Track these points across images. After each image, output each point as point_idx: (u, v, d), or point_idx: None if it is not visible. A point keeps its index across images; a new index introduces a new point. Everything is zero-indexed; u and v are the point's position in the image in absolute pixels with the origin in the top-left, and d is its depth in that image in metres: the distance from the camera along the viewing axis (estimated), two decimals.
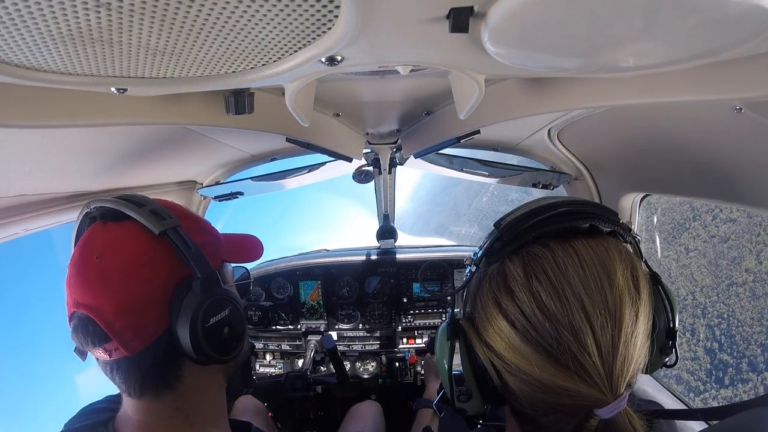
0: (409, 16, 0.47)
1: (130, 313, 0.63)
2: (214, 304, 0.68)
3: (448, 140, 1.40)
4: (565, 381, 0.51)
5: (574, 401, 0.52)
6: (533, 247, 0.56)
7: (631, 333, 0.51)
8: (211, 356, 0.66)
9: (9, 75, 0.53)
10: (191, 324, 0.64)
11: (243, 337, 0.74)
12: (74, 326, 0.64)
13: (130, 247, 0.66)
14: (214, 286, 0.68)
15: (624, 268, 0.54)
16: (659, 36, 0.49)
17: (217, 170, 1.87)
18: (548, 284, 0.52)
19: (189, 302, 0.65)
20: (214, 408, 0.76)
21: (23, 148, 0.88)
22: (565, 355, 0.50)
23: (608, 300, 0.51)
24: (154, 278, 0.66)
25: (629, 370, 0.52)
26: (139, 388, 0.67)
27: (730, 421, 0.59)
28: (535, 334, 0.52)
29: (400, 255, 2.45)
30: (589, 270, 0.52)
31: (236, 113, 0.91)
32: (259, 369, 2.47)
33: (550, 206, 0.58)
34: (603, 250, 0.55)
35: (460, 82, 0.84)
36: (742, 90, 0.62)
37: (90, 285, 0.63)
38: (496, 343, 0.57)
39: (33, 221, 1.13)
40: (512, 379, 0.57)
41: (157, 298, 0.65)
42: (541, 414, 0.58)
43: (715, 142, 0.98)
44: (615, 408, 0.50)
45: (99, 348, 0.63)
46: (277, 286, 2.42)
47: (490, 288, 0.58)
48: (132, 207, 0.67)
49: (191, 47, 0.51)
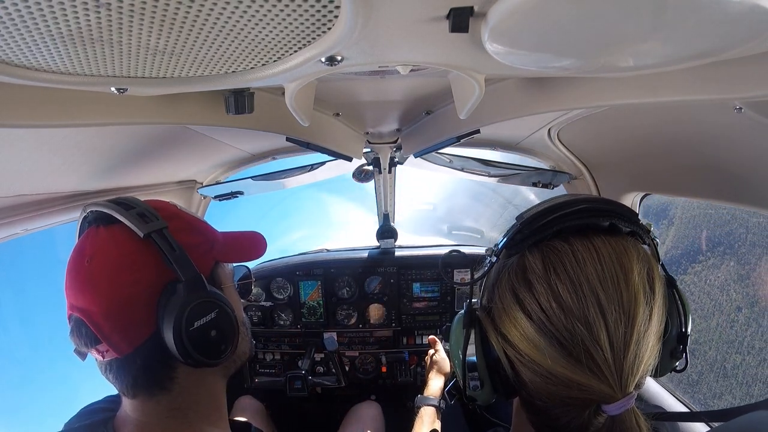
0: (409, 16, 0.47)
1: (116, 315, 0.63)
2: (199, 307, 0.66)
3: (448, 139, 1.40)
4: (576, 374, 0.52)
5: (584, 395, 0.52)
6: (553, 241, 0.57)
7: (643, 332, 0.52)
8: (199, 360, 0.65)
9: (9, 75, 0.53)
10: (175, 327, 0.63)
11: (233, 339, 0.72)
12: (71, 328, 0.66)
13: (116, 250, 0.66)
14: (198, 289, 0.67)
15: (641, 268, 0.54)
16: (659, 36, 0.49)
17: (217, 170, 1.87)
18: (566, 278, 0.53)
19: (173, 305, 0.64)
20: (214, 408, 0.76)
21: (23, 148, 0.88)
22: (578, 348, 0.51)
23: (623, 297, 0.52)
24: (139, 281, 0.65)
25: (639, 369, 0.52)
26: (132, 389, 0.67)
27: (734, 424, 0.59)
28: (550, 326, 0.53)
29: (400, 255, 2.44)
30: (607, 267, 0.53)
31: (236, 113, 0.91)
32: (259, 369, 2.47)
33: (572, 202, 0.59)
34: (621, 249, 0.55)
35: (460, 81, 0.84)
36: (742, 90, 0.63)
37: (81, 288, 0.64)
38: (512, 334, 0.58)
39: (33, 221, 1.13)
40: (525, 370, 0.58)
41: (143, 301, 0.65)
42: (551, 406, 0.58)
43: (715, 141, 0.98)
44: (623, 405, 0.51)
45: (92, 349, 0.65)
46: (277, 286, 2.41)
47: (509, 279, 0.59)
48: (120, 210, 0.67)
49: (191, 47, 0.51)
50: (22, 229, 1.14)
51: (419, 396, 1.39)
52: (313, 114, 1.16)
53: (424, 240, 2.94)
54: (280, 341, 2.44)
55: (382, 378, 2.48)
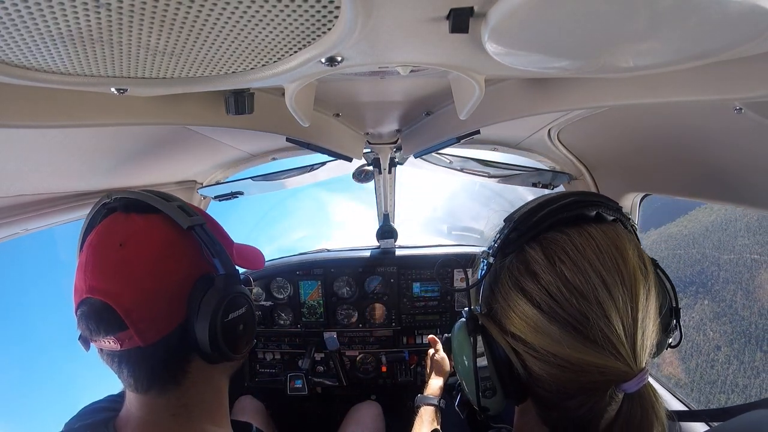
0: (409, 16, 0.47)
1: (149, 302, 0.64)
2: (234, 300, 0.70)
3: (448, 140, 1.40)
4: (594, 357, 0.52)
5: (603, 377, 0.53)
6: (550, 233, 0.59)
7: (645, 307, 0.54)
8: (224, 352, 0.68)
9: (9, 75, 0.53)
10: (212, 318, 0.65)
11: (253, 337, 0.76)
12: (85, 313, 0.64)
13: (157, 237, 0.67)
14: (235, 282, 0.71)
15: (633, 249, 0.57)
16: (659, 36, 0.49)
17: (217, 170, 1.87)
18: (571, 264, 0.55)
19: (211, 297, 0.67)
20: (217, 406, 0.76)
21: (23, 148, 0.88)
22: (594, 330, 0.52)
23: (624, 277, 0.54)
24: (177, 270, 0.67)
25: (647, 344, 0.54)
26: (147, 382, 0.67)
27: (733, 423, 0.59)
28: (562, 312, 0.54)
29: (400, 255, 2.45)
30: (605, 250, 0.56)
31: (236, 113, 0.91)
32: (259, 369, 2.47)
33: (560, 197, 0.61)
34: (613, 234, 0.58)
35: (460, 82, 0.84)
36: (742, 90, 0.63)
37: (110, 272, 0.64)
38: (521, 329, 0.58)
39: (33, 221, 1.13)
40: (538, 363, 0.58)
41: (176, 292, 0.67)
42: (565, 397, 0.58)
43: (715, 142, 0.98)
44: (640, 381, 0.52)
45: (111, 336, 0.63)
46: (277, 286, 2.42)
47: (511, 276, 0.60)
48: (160, 201, 0.69)
49: (191, 47, 0.51)
50: (22, 229, 1.14)
51: (419, 395, 1.39)
52: (313, 114, 1.16)
53: (424, 240, 2.94)
54: (280, 341, 2.44)
55: (383, 377, 2.48)
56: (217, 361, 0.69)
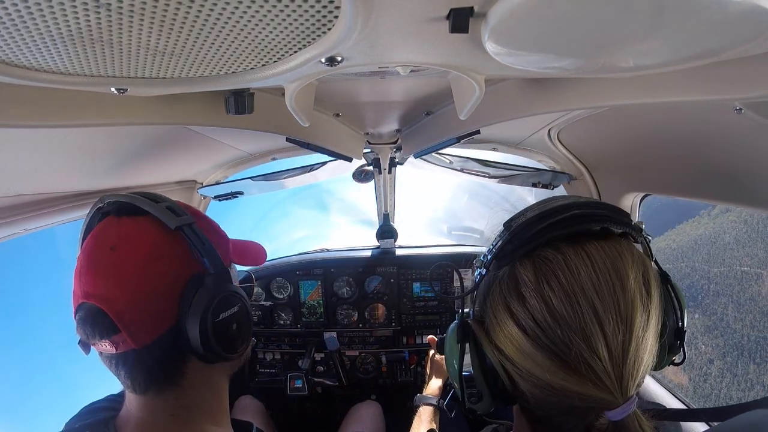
0: (409, 16, 0.47)
1: (140, 305, 0.63)
2: (225, 299, 0.69)
3: (448, 140, 1.40)
4: (576, 385, 0.51)
5: (585, 404, 0.52)
6: (545, 250, 0.55)
7: (642, 337, 0.51)
8: (218, 352, 0.67)
9: (9, 75, 0.53)
10: (201, 318, 0.65)
11: (249, 336, 0.75)
12: (81, 317, 0.64)
13: (146, 240, 0.67)
14: (226, 281, 0.70)
15: (636, 272, 0.53)
16: (659, 36, 0.49)
17: (217, 170, 1.87)
18: (560, 289, 0.52)
19: (201, 297, 0.66)
20: (217, 406, 0.76)
21: (23, 148, 0.88)
22: (576, 360, 0.50)
23: (620, 305, 0.51)
24: (167, 272, 0.67)
25: (639, 372, 0.52)
26: (144, 383, 0.67)
27: (733, 422, 0.59)
28: (546, 340, 0.52)
29: (400, 255, 2.45)
30: (602, 274, 0.52)
31: (236, 113, 0.91)
32: (259, 369, 2.47)
33: (563, 208, 0.57)
34: (616, 254, 0.54)
35: (460, 82, 0.84)
36: (742, 90, 0.62)
37: (103, 276, 0.64)
38: (507, 348, 0.57)
39: (32, 221, 1.13)
40: (523, 382, 0.57)
41: (167, 292, 0.66)
42: (552, 414, 0.58)
43: (715, 142, 0.98)
44: (625, 410, 0.51)
45: (106, 340, 0.63)
46: (277, 286, 2.42)
47: (501, 292, 0.58)
48: (148, 202, 0.68)
49: (191, 47, 0.51)
50: (22, 229, 1.14)
51: (418, 395, 1.39)
52: (313, 114, 1.16)
53: (425, 240, 2.94)
54: (280, 341, 2.44)
55: (382, 377, 2.48)
56: (213, 362, 0.69)
